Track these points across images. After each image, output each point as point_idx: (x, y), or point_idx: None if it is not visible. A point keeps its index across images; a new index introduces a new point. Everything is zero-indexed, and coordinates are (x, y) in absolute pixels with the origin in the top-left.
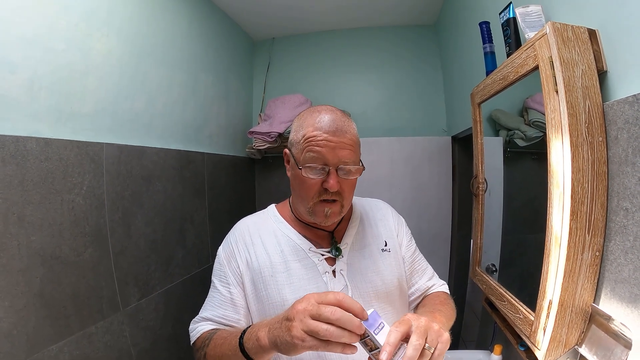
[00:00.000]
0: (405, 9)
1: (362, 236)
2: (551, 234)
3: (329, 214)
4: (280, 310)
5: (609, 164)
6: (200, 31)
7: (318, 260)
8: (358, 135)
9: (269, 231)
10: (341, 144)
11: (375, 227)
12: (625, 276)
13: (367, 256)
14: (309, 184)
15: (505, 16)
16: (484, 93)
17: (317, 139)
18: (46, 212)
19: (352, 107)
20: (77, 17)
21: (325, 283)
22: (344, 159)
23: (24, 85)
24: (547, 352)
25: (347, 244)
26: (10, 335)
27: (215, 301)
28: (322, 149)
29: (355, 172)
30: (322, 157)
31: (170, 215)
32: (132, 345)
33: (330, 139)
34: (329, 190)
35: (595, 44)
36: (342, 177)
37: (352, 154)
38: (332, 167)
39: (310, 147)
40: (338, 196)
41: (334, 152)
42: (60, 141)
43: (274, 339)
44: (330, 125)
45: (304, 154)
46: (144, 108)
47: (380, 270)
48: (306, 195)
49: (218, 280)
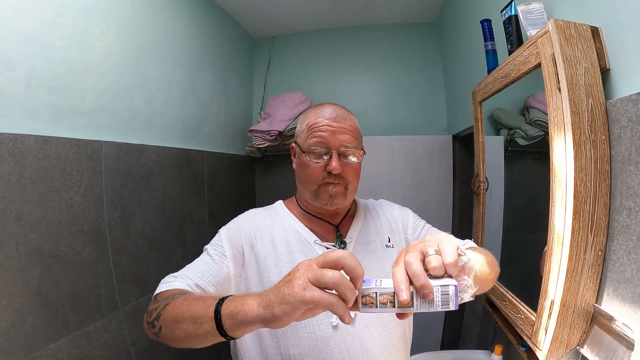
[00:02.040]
0: (406, 6)
1: (366, 232)
2: (553, 234)
3: (334, 192)
4: None
5: (611, 163)
6: (200, 29)
7: (323, 252)
8: (359, 127)
9: (275, 222)
10: (341, 129)
11: (379, 224)
12: (628, 276)
13: (371, 252)
14: (313, 168)
15: (507, 13)
16: (486, 91)
17: (319, 124)
18: (44, 210)
19: (353, 105)
20: (76, 14)
21: None
22: (345, 142)
23: (23, 83)
24: (549, 353)
25: (352, 238)
26: (8, 334)
27: (202, 265)
28: (324, 134)
29: (357, 156)
30: (324, 141)
31: (169, 214)
32: (130, 344)
33: (331, 124)
34: (332, 173)
35: (597, 41)
36: (344, 161)
37: (352, 139)
38: (334, 151)
39: (313, 132)
40: (341, 179)
41: (335, 136)
42: (58, 139)
43: (266, 302)
44: (331, 113)
45: (308, 141)
46: (143, 106)
47: (385, 267)
48: (310, 179)
49: (212, 247)
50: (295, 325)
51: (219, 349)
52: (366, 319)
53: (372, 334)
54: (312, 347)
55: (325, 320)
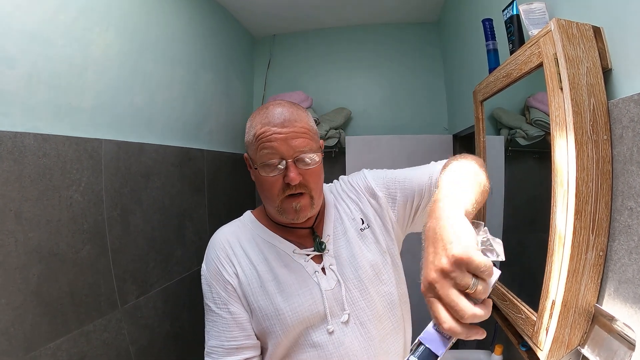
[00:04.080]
0: (408, 6)
1: (340, 222)
2: (555, 234)
3: (299, 208)
4: (276, 320)
5: (613, 163)
6: (201, 27)
7: (305, 261)
8: (313, 123)
9: (248, 239)
10: (292, 133)
11: (348, 207)
12: (629, 276)
13: (351, 241)
14: (270, 183)
15: (509, 13)
16: (487, 91)
17: (267, 134)
18: (44, 208)
19: (353, 105)
20: (77, 12)
21: (316, 283)
22: (298, 148)
23: (23, 80)
24: (550, 353)
25: (329, 235)
26: (7, 333)
27: (219, 326)
28: (273, 144)
29: (315, 158)
30: (275, 152)
31: (169, 213)
32: (130, 343)
33: (279, 132)
34: (291, 184)
35: (600, 41)
36: (303, 168)
37: (307, 142)
38: (290, 159)
39: (262, 144)
40: (304, 188)
41: (287, 143)
42: (58, 137)
43: None
44: (277, 117)
45: (258, 153)
46: (143, 104)
47: (365, 253)
48: (271, 195)
49: (213, 303)
50: (294, 339)
51: None
52: (359, 315)
53: (367, 328)
54: (313, 355)
55: (322, 327)
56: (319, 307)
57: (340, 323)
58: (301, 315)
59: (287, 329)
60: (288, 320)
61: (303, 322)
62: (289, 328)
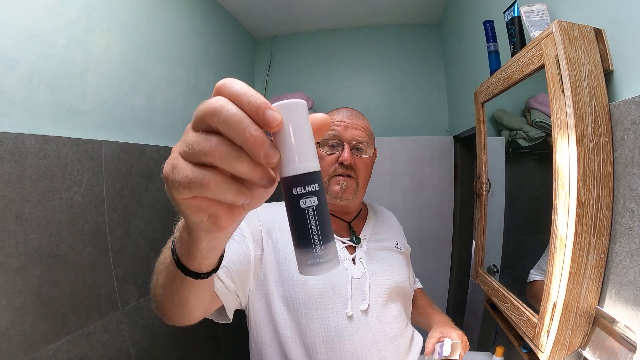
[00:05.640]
0: (409, 7)
1: (377, 232)
2: (556, 236)
3: (344, 187)
4: (300, 288)
5: (614, 165)
6: (202, 28)
7: (339, 247)
8: (371, 128)
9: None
10: (354, 124)
11: (387, 227)
12: (630, 278)
13: (383, 249)
14: (326, 160)
15: (510, 15)
16: (488, 92)
17: (334, 121)
18: (44, 210)
19: (354, 106)
20: (78, 12)
21: (345, 269)
22: (357, 137)
23: (24, 81)
24: (551, 355)
25: (365, 235)
26: (7, 334)
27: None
28: (337, 128)
29: (368, 151)
30: (337, 135)
31: (170, 214)
32: (131, 344)
33: (344, 120)
34: (344, 164)
35: (601, 43)
36: (356, 155)
37: (364, 135)
38: (346, 143)
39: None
40: (353, 172)
41: (348, 130)
42: (59, 138)
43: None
44: (344, 112)
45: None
46: (144, 105)
47: (395, 268)
48: (323, 171)
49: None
50: (311, 316)
51: (218, 349)
52: (378, 310)
53: (383, 325)
54: (326, 338)
55: (341, 311)
56: (343, 289)
57: (360, 311)
58: (325, 287)
59: (309, 299)
60: (313, 289)
61: (325, 296)
62: (310, 299)
